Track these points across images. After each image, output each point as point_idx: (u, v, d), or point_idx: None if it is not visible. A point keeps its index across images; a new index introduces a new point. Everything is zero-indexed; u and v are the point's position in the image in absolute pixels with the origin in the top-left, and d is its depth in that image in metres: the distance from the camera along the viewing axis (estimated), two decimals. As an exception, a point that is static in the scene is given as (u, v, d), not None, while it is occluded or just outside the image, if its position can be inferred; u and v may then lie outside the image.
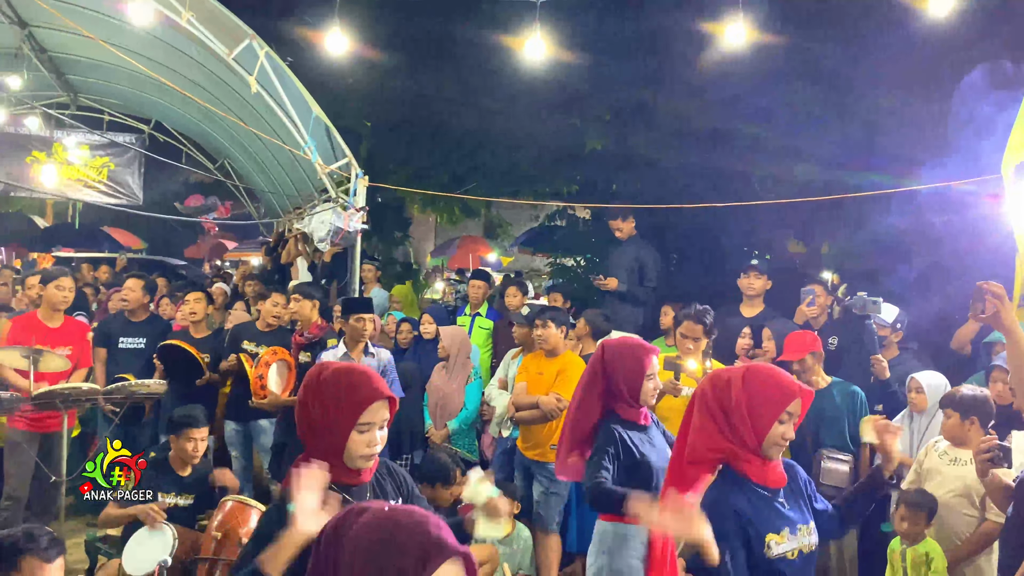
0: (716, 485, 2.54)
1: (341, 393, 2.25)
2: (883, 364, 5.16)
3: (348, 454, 2.25)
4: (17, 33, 8.70)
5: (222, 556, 4.17)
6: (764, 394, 2.51)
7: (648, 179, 9.63)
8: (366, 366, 2.39)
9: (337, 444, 2.24)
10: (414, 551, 1.29)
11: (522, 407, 5.36)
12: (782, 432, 2.51)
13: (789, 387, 2.53)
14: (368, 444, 2.25)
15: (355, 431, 2.23)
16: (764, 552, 2.44)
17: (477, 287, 7.68)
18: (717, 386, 2.57)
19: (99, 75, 10.48)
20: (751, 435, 2.49)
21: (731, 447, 2.51)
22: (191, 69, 8.39)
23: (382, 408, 2.28)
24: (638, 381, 3.54)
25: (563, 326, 5.44)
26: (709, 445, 2.54)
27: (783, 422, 2.50)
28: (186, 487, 4.71)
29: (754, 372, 2.57)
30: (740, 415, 2.49)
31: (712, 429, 2.54)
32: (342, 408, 2.23)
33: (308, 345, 6.07)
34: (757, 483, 2.52)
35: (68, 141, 12.13)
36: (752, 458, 2.51)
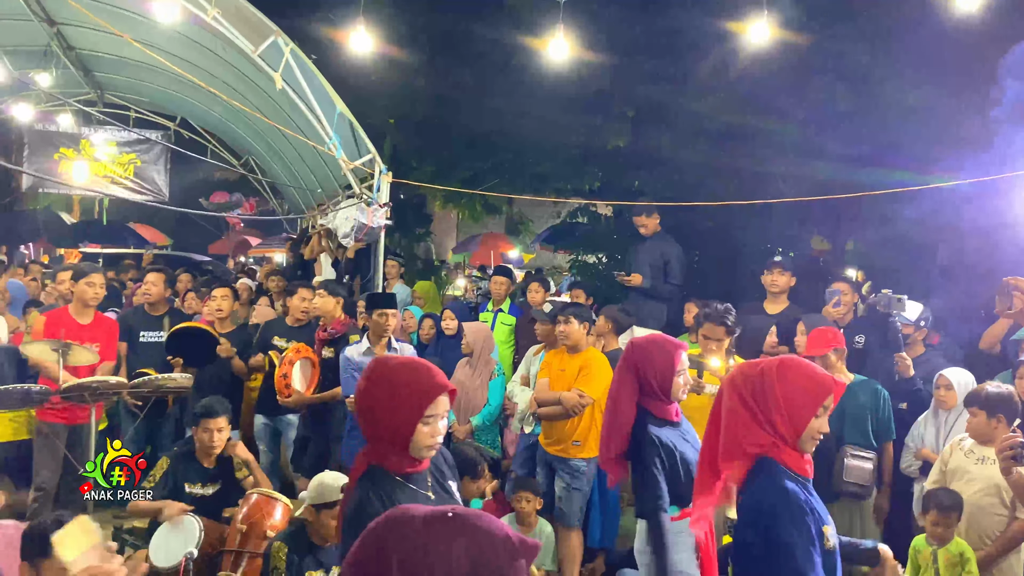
0: (768, 477, 2.45)
1: (407, 388, 2.31)
2: (907, 362, 5.12)
3: (414, 445, 2.33)
4: (46, 31, 8.81)
5: (247, 548, 4.22)
6: (801, 388, 2.47)
7: (670, 176, 9.60)
8: (428, 361, 2.44)
9: (403, 436, 2.31)
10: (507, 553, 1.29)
11: (544, 403, 5.37)
12: (818, 426, 2.48)
13: (825, 381, 2.50)
14: (432, 435, 2.34)
15: (421, 423, 2.30)
16: (823, 544, 2.40)
17: (499, 283, 7.70)
18: (750, 379, 2.52)
19: (126, 72, 10.59)
20: (789, 429, 2.46)
21: (770, 440, 2.47)
22: (216, 66, 8.46)
23: (446, 401, 2.36)
24: (669, 377, 3.56)
25: (585, 322, 5.44)
26: (748, 440, 2.49)
27: (819, 416, 2.48)
28: (212, 477, 4.78)
29: (788, 366, 2.53)
30: (777, 409, 2.46)
31: (749, 423, 2.49)
32: (409, 403, 2.30)
33: (331, 340, 6.12)
34: (799, 474, 2.48)
35: (96, 138, 12.27)
36: (791, 452, 2.48)
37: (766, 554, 2.37)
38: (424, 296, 9.22)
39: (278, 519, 4.37)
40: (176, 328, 6.35)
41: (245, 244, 23.92)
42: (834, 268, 9.70)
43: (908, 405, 5.16)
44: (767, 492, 2.42)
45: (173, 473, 4.69)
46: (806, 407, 2.46)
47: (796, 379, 2.49)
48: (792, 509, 2.38)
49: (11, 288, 8.88)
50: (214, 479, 4.78)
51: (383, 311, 5.51)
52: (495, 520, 1.34)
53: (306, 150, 9.24)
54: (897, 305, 5.17)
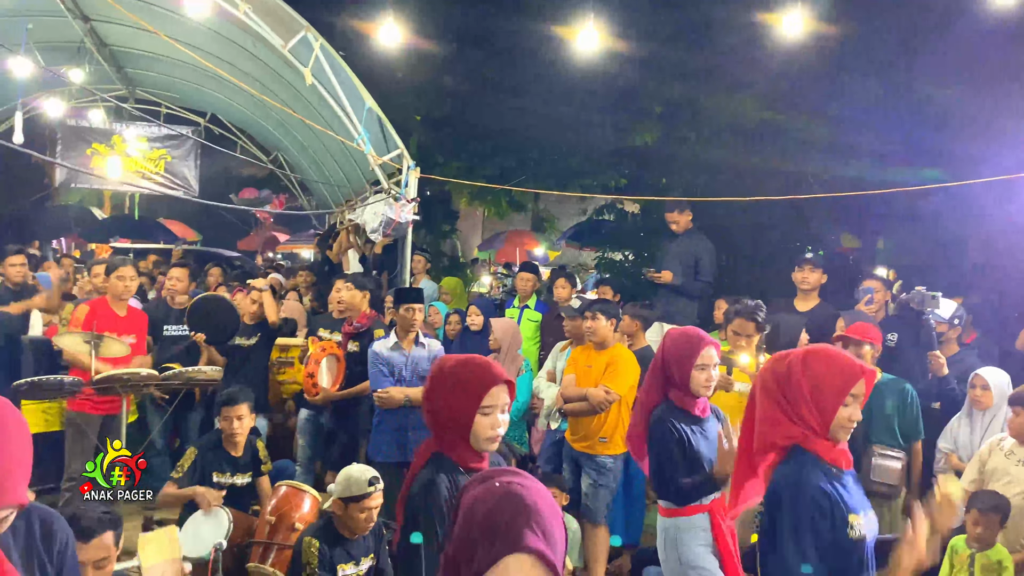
0: (791, 466, 2.47)
1: (464, 380, 2.40)
2: (941, 360, 5.04)
3: (474, 437, 2.40)
4: (80, 27, 8.91)
5: (276, 540, 4.25)
6: (827, 377, 2.45)
7: (699, 173, 9.54)
8: (485, 357, 2.54)
9: (463, 428, 2.38)
10: None
11: (571, 399, 5.35)
12: (848, 415, 2.45)
13: (852, 368, 2.47)
14: (492, 426, 2.40)
15: (479, 414, 2.38)
16: (847, 532, 2.39)
17: (525, 280, 7.68)
18: (778, 371, 2.52)
19: (157, 68, 10.69)
20: (817, 419, 2.44)
21: (801, 432, 2.46)
22: (246, 62, 8.51)
23: (502, 392, 2.42)
24: (687, 370, 3.55)
25: (612, 318, 5.41)
26: (778, 432, 2.49)
27: (848, 404, 2.45)
28: (241, 467, 4.82)
29: (815, 355, 2.51)
30: (804, 400, 2.45)
31: (779, 415, 2.49)
32: (466, 394, 2.38)
33: (356, 334, 6.13)
34: (830, 463, 2.47)
35: (127, 134, 12.41)
36: (822, 441, 2.46)
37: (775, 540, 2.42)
38: (451, 292, 9.23)
39: (306, 511, 4.39)
40: (197, 298, 6.39)
41: (273, 240, 24.10)
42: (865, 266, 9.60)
43: (942, 404, 5.09)
44: (782, 481, 2.46)
45: (201, 463, 4.73)
46: (834, 395, 2.44)
47: (822, 367, 2.47)
48: (801, 496, 2.39)
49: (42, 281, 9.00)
50: (242, 469, 4.82)
51: (409, 305, 5.51)
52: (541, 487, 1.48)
53: (334, 145, 9.28)
54: (931, 302, 5.09)
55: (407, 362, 5.40)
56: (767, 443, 2.53)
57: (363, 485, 3.87)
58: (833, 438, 2.47)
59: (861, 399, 2.48)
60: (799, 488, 2.40)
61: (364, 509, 3.89)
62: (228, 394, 4.85)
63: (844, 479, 2.48)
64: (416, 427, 5.33)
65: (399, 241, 7.88)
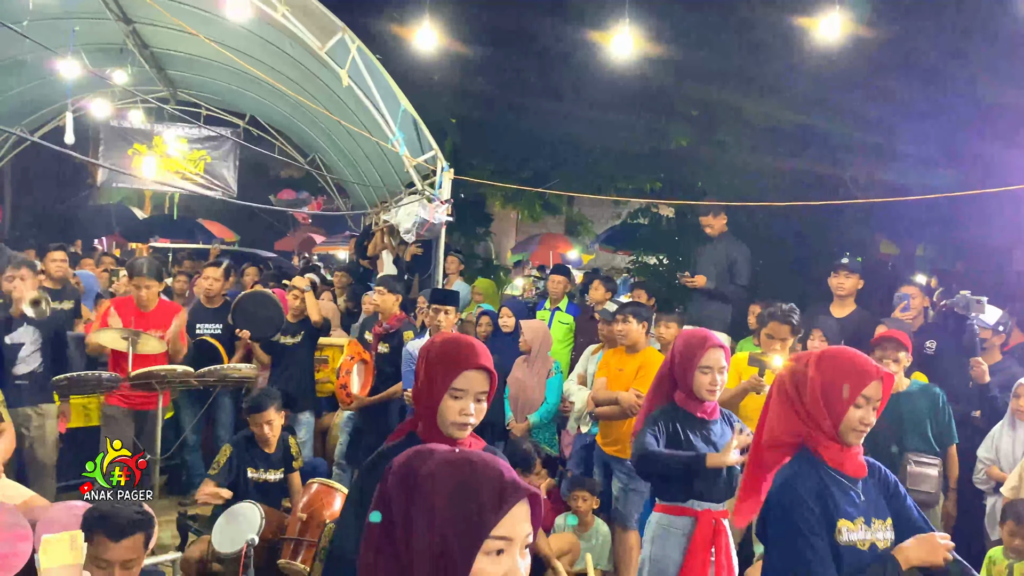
0: (789, 467, 2.46)
1: (441, 358, 2.30)
2: (982, 367, 4.94)
3: (441, 419, 2.30)
4: (123, 29, 9.07)
5: (306, 537, 4.29)
6: (839, 376, 2.41)
7: (735, 177, 9.46)
8: (474, 338, 2.44)
9: (431, 408, 2.30)
10: (491, 490, 1.31)
11: (601, 403, 5.33)
12: (859, 417, 2.40)
13: (864, 369, 2.42)
14: (460, 411, 2.28)
15: (448, 395, 2.27)
16: (835, 536, 2.36)
17: (557, 282, 7.68)
18: (795, 370, 2.50)
19: (197, 70, 10.85)
20: (826, 419, 2.41)
21: (808, 430, 2.44)
22: (284, 64, 8.61)
23: (479, 379, 2.29)
24: (689, 372, 3.49)
25: (644, 322, 5.38)
26: (786, 428, 2.48)
27: (859, 406, 2.40)
28: (274, 463, 4.87)
29: (830, 355, 2.48)
30: (814, 398, 2.42)
31: (789, 412, 2.47)
32: (439, 373, 2.28)
33: (387, 336, 6.17)
34: (833, 467, 2.43)
35: (168, 135, 12.59)
36: (830, 443, 2.43)
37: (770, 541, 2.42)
38: (484, 293, 9.24)
39: (337, 508, 4.42)
40: (242, 295, 6.46)
41: (310, 241, 24.36)
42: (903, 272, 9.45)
43: (982, 413, 4.99)
44: (777, 480, 2.45)
45: (237, 459, 4.79)
46: (843, 396, 2.40)
47: (835, 367, 2.43)
48: (790, 495, 2.37)
49: (83, 279, 9.18)
50: (275, 465, 4.88)
51: (438, 307, 5.53)
52: (499, 461, 1.37)
53: (370, 147, 9.35)
54: (976, 307, 4.98)
55: (438, 363, 5.42)
56: (773, 439, 2.51)
57: None
58: (843, 440, 2.43)
59: (876, 403, 2.42)
60: (788, 488, 2.38)
61: None
62: (254, 401, 4.88)
63: (849, 486, 2.44)
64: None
65: (433, 242, 7.92)
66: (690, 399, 3.53)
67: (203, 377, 5.31)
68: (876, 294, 6.74)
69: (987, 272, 7.89)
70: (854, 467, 2.46)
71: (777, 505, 2.40)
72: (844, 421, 2.41)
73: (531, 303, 9.55)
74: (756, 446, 2.63)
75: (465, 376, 2.27)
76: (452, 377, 2.26)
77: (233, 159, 12.98)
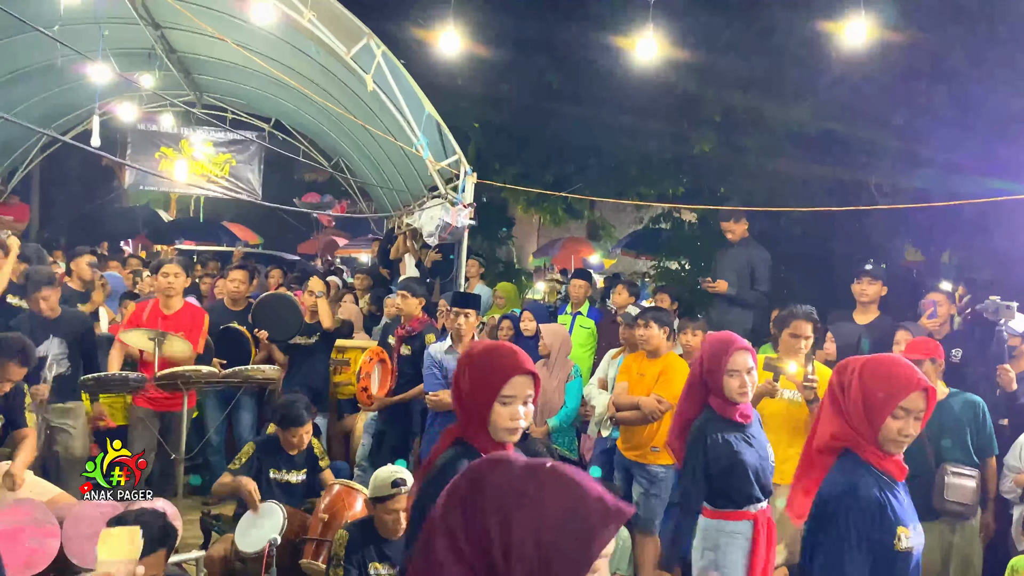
0: (844, 470, 2.43)
1: (486, 366, 2.34)
2: (1010, 375, 4.88)
3: (492, 426, 2.33)
4: (151, 34, 9.20)
5: (328, 537, 4.31)
6: (878, 385, 2.40)
7: (758, 182, 9.41)
8: (514, 344, 2.48)
9: (482, 416, 2.32)
10: (599, 513, 1.27)
11: (622, 407, 5.33)
12: (898, 428, 2.38)
13: (905, 380, 2.39)
14: (511, 417, 2.32)
15: (498, 403, 2.30)
16: (894, 543, 2.34)
17: (578, 286, 7.68)
18: (842, 376, 2.50)
19: (223, 75, 10.98)
20: (866, 427, 2.40)
21: (852, 435, 2.43)
22: (309, 69, 8.69)
23: (526, 383, 2.34)
24: (718, 376, 3.50)
25: (666, 326, 5.38)
26: (832, 432, 2.47)
27: (898, 417, 2.38)
28: (297, 464, 4.91)
29: (873, 362, 2.47)
30: (855, 406, 2.41)
31: (835, 417, 2.47)
32: (487, 380, 2.32)
33: (408, 338, 6.21)
34: (880, 471, 2.42)
35: (194, 138, 12.76)
36: (873, 449, 2.42)
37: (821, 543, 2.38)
38: (505, 297, 9.25)
39: (359, 510, 4.45)
40: (262, 296, 6.53)
41: (333, 244, 24.50)
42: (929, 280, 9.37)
43: (1010, 421, 4.93)
44: (833, 483, 2.42)
45: (259, 458, 4.83)
46: (881, 405, 2.39)
47: (875, 376, 2.42)
48: (853, 502, 2.34)
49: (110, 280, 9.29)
50: (298, 466, 4.91)
51: (459, 310, 5.54)
52: (591, 479, 1.33)
53: (393, 151, 9.41)
54: (1006, 313, 4.92)
55: (460, 366, 5.44)
56: (821, 442, 2.51)
57: (387, 486, 3.90)
58: (883, 449, 2.42)
59: (917, 414, 2.40)
60: (850, 494, 2.36)
61: (389, 511, 3.91)
62: (294, 415, 4.84)
63: (896, 489, 2.43)
64: (468, 431, 5.37)
65: (455, 246, 7.95)
66: (725, 403, 3.53)
67: (227, 378, 5.37)
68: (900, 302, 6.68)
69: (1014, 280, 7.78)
70: (898, 470, 2.45)
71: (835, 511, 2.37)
72: (882, 431, 2.39)
73: (552, 307, 9.55)
74: (807, 448, 2.63)
75: (513, 382, 2.31)
76: (501, 384, 2.30)
77: (258, 163, 13.12)
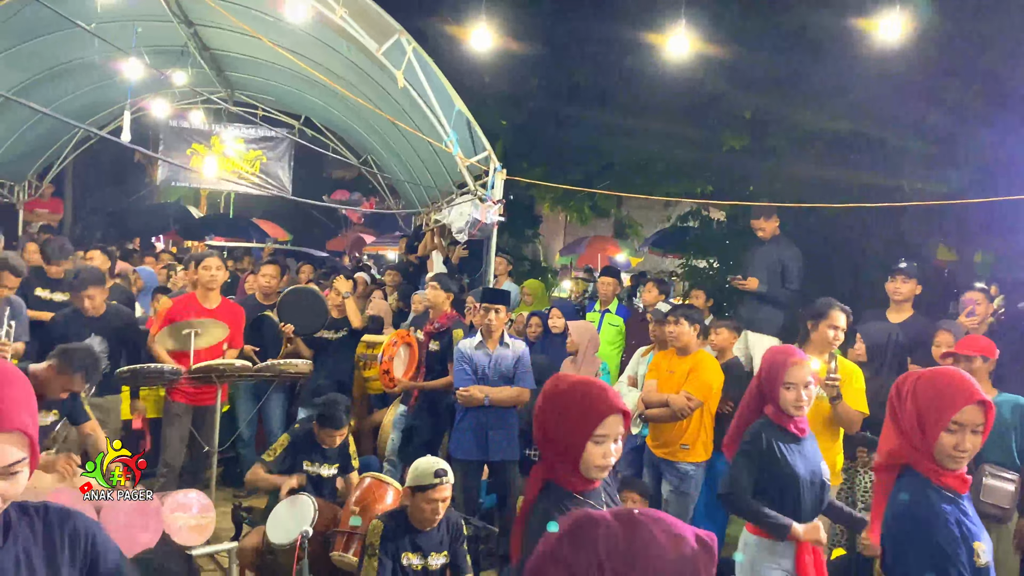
0: (907, 487, 2.37)
1: (578, 406, 2.28)
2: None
3: (584, 464, 2.28)
4: (184, 31, 9.30)
5: (359, 530, 4.35)
6: (930, 400, 2.34)
7: (788, 181, 9.34)
8: (603, 382, 2.43)
9: (574, 454, 2.27)
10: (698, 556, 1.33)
11: (652, 405, 5.32)
12: (954, 443, 2.32)
13: (958, 392, 2.33)
14: (604, 455, 2.28)
15: (591, 442, 2.25)
16: (974, 560, 2.27)
17: (607, 284, 7.68)
18: (901, 387, 2.44)
19: (255, 72, 11.07)
20: (920, 442, 2.34)
21: (910, 451, 2.37)
22: (340, 65, 8.74)
23: (617, 422, 2.29)
24: (775, 388, 3.45)
25: (696, 324, 5.36)
26: (889, 449, 2.43)
27: (952, 431, 2.31)
28: (330, 459, 4.95)
29: (929, 376, 2.41)
30: (910, 420, 2.36)
31: (893, 432, 2.42)
32: (580, 420, 2.26)
33: (437, 334, 6.23)
34: (941, 486, 2.35)
35: (225, 135, 12.87)
36: (931, 464, 2.36)
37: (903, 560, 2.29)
38: (533, 294, 9.27)
39: (389, 503, 4.48)
40: (288, 290, 6.58)
41: (361, 241, 24.65)
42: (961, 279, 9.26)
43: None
44: (910, 508, 2.34)
45: (294, 450, 4.88)
46: (933, 421, 2.34)
47: (928, 391, 2.37)
48: (936, 524, 2.27)
49: (143, 275, 9.42)
50: (330, 461, 4.96)
51: (489, 306, 5.56)
52: (677, 519, 1.37)
53: (422, 148, 9.44)
54: None
55: (490, 362, 5.46)
56: (879, 462, 2.47)
57: (429, 476, 3.93)
58: (940, 464, 2.35)
59: (974, 427, 2.33)
60: (931, 516, 2.28)
61: (430, 500, 3.94)
62: (334, 417, 4.87)
63: (962, 503, 2.37)
64: (496, 427, 5.39)
65: (483, 243, 7.97)
66: (780, 414, 3.48)
67: (260, 372, 5.43)
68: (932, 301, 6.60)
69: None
70: (960, 483, 2.38)
71: (911, 531, 2.31)
72: (937, 446, 2.34)
73: (579, 305, 9.55)
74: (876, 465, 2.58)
75: (606, 422, 2.26)
76: (595, 424, 2.25)
77: (288, 159, 13.21)
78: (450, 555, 4.10)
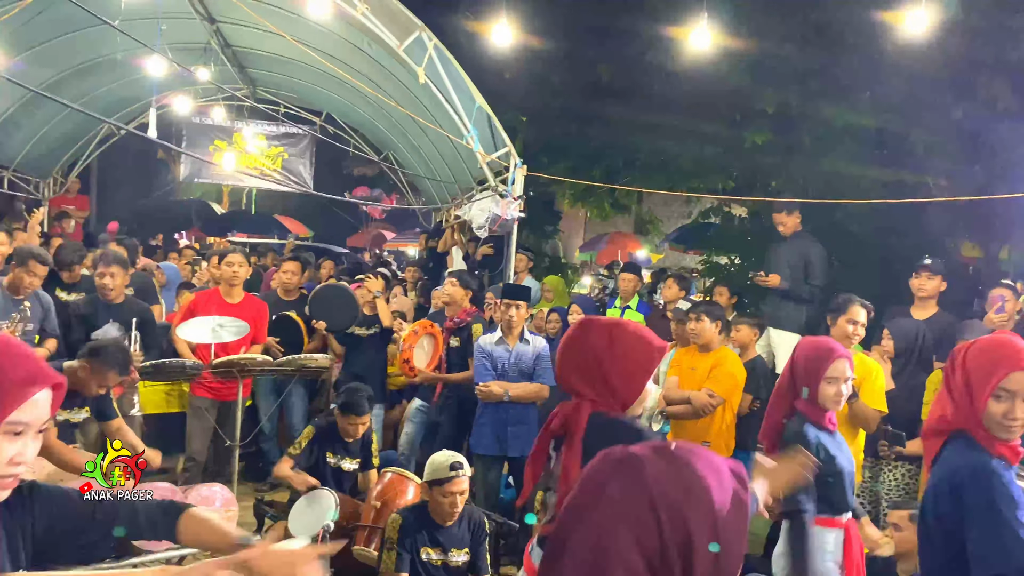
0: (959, 450, 2.30)
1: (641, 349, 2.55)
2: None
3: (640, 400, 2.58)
4: (207, 28, 9.36)
5: (380, 524, 4.37)
6: (979, 364, 2.27)
7: (812, 177, 9.26)
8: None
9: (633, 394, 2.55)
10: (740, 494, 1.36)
11: (673, 401, 5.30)
12: (1003, 411, 2.24)
13: (1007, 358, 2.24)
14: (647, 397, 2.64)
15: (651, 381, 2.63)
16: None
17: (627, 280, 7.66)
18: (955, 356, 2.39)
19: (276, 68, 11.12)
20: (969, 409, 2.28)
21: (961, 418, 2.31)
22: (361, 62, 8.76)
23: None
24: (815, 382, 3.41)
25: (717, 320, 5.33)
26: (940, 414, 2.38)
27: (1001, 398, 2.24)
28: (352, 452, 4.97)
29: (983, 342, 2.35)
30: (959, 386, 2.31)
31: (945, 398, 2.38)
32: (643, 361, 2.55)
33: (457, 330, 6.23)
34: (993, 455, 2.28)
35: (247, 131, 12.96)
36: (983, 431, 2.28)
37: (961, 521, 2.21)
38: (553, 290, 9.25)
39: (410, 498, 4.50)
40: (319, 287, 6.60)
41: (381, 238, 24.77)
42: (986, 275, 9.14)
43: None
44: (953, 461, 2.29)
45: (319, 442, 4.91)
46: (980, 387, 2.27)
47: (977, 357, 2.31)
48: (996, 482, 2.20)
49: (166, 271, 9.52)
50: (352, 454, 4.98)
51: (510, 302, 5.56)
52: (710, 451, 1.40)
53: (443, 144, 9.45)
54: None
55: (510, 357, 5.46)
56: (928, 426, 2.43)
57: (445, 469, 3.94)
58: (990, 432, 2.28)
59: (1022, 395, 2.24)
60: (989, 475, 2.21)
61: (447, 494, 3.95)
62: (356, 404, 4.88)
63: (1013, 474, 2.30)
64: (515, 422, 5.39)
65: (504, 239, 7.97)
66: (815, 408, 3.43)
67: (282, 366, 5.46)
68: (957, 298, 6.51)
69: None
70: (1013, 453, 2.31)
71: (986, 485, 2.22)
72: (985, 414, 2.27)
73: (599, 301, 9.53)
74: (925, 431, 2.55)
75: None
76: (654, 367, 2.58)
77: (310, 156, 13.29)
78: (471, 553, 4.11)
